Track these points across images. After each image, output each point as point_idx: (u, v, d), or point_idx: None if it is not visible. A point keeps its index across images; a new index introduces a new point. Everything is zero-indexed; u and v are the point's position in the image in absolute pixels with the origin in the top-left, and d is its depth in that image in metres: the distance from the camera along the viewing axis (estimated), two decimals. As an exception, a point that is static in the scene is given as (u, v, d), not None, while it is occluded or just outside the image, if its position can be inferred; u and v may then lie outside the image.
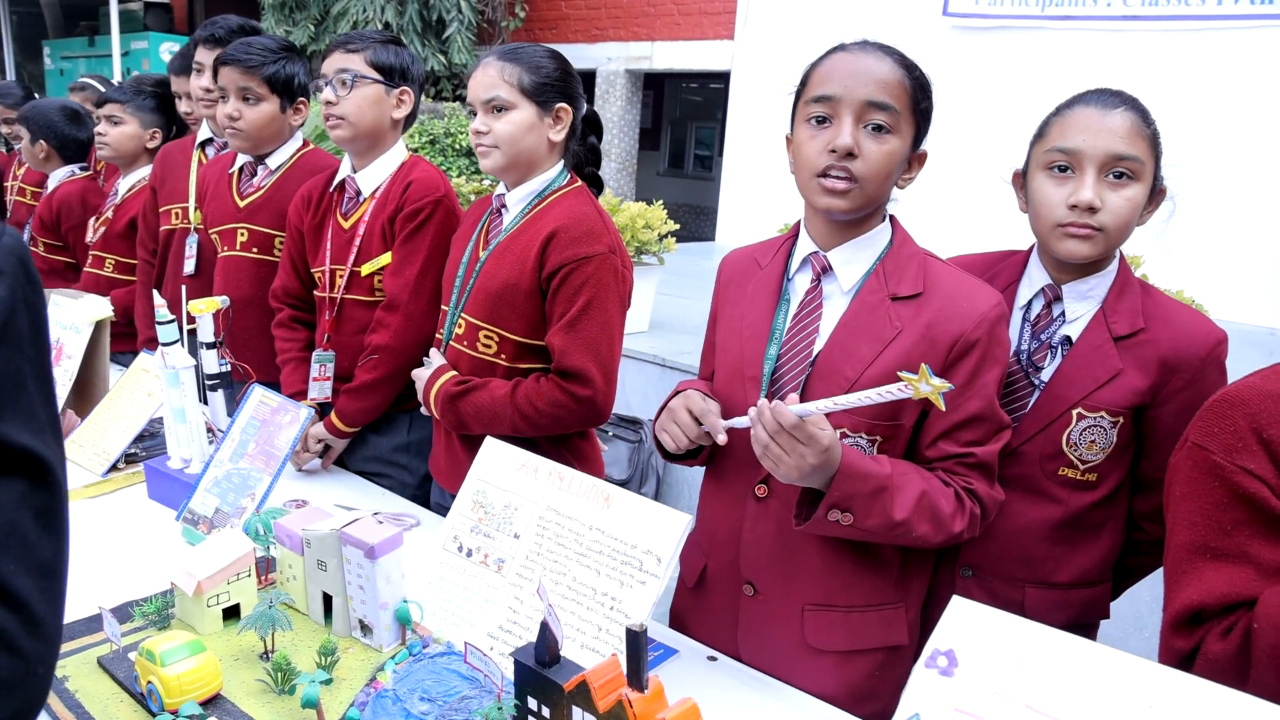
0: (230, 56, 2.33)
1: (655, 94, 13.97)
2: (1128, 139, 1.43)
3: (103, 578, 1.61)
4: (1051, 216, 1.48)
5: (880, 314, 1.39)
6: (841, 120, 1.35)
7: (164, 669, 1.21)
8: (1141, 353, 1.49)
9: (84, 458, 2.15)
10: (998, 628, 0.96)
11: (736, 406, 1.46)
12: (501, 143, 1.82)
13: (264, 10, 10.07)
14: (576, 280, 1.79)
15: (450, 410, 1.86)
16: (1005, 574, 1.56)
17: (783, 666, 1.45)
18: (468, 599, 1.44)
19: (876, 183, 1.36)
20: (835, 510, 1.32)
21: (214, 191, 2.52)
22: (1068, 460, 1.51)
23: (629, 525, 1.33)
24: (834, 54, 1.39)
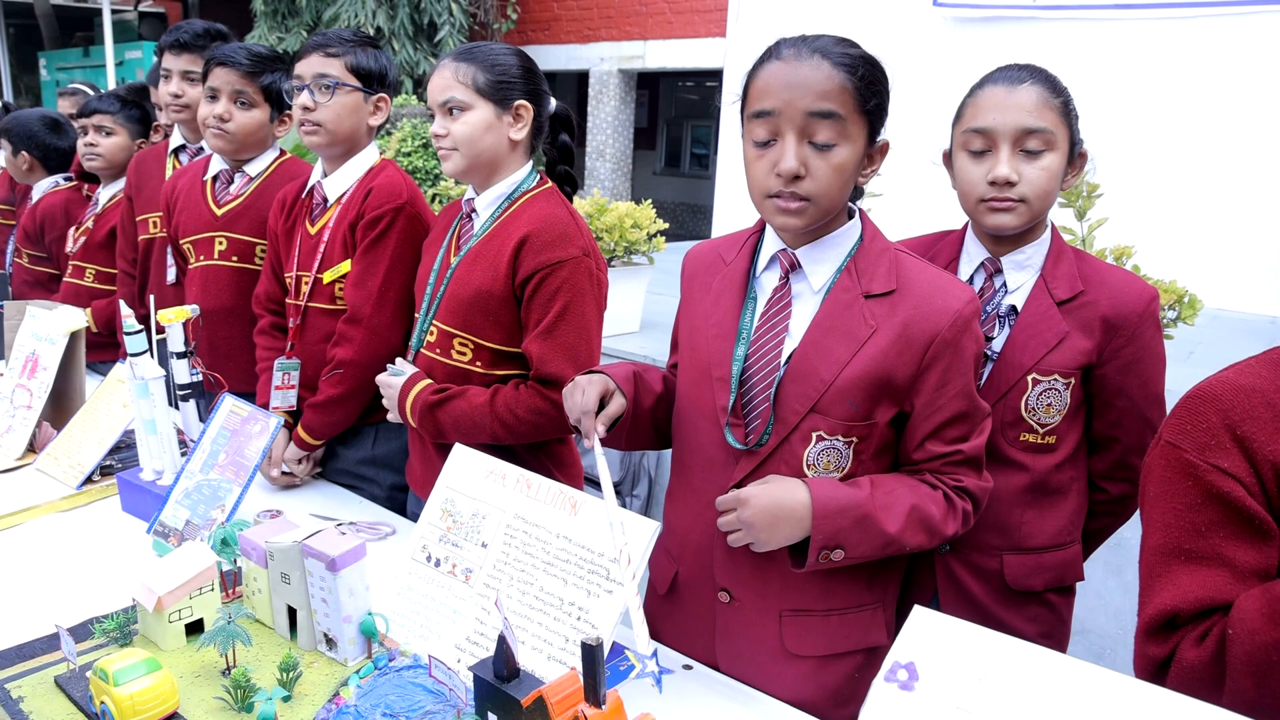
0: (228, 58, 2.31)
1: (651, 93, 13.95)
2: (1036, 112, 1.49)
3: (73, 593, 1.59)
4: (974, 193, 1.54)
5: (854, 313, 1.35)
6: (784, 139, 1.29)
7: (117, 689, 1.18)
8: (1083, 314, 1.54)
9: (59, 470, 2.12)
10: (960, 639, 0.93)
11: (704, 407, 1.43)
12: (460, 144, 1.78)
13: (256, 17, 10.05)
14: (551, 286, 1.75)
15: (429, 419, 1.82)
16: (982, 544, 1.60)
17: (761, 673, 1.42)
18: (436, 610, 1.41)
19: (830, 196, 1.32)
20: (825, 551, 1.30)
21: (186, 201, 2.48)
22: (1028, 425, 1.56)
23: (596, 533, 1.30)
24: (769, 62, 1.32)
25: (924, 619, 0.95)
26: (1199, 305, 3.31)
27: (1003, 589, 1.60)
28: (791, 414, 1.35)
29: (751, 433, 1.38)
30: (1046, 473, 1.58)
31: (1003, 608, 1.60)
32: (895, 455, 1.42)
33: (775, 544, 1.30)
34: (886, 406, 1.36)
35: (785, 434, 1.36)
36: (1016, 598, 1.61)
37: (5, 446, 2.25)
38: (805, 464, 1.36)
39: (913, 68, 6.81)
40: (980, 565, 1.60)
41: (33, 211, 3.37)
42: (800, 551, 1.32)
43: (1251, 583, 1.03)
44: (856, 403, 1.34)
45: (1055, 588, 1.64)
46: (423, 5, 9.23)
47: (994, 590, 1.60)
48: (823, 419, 1.34)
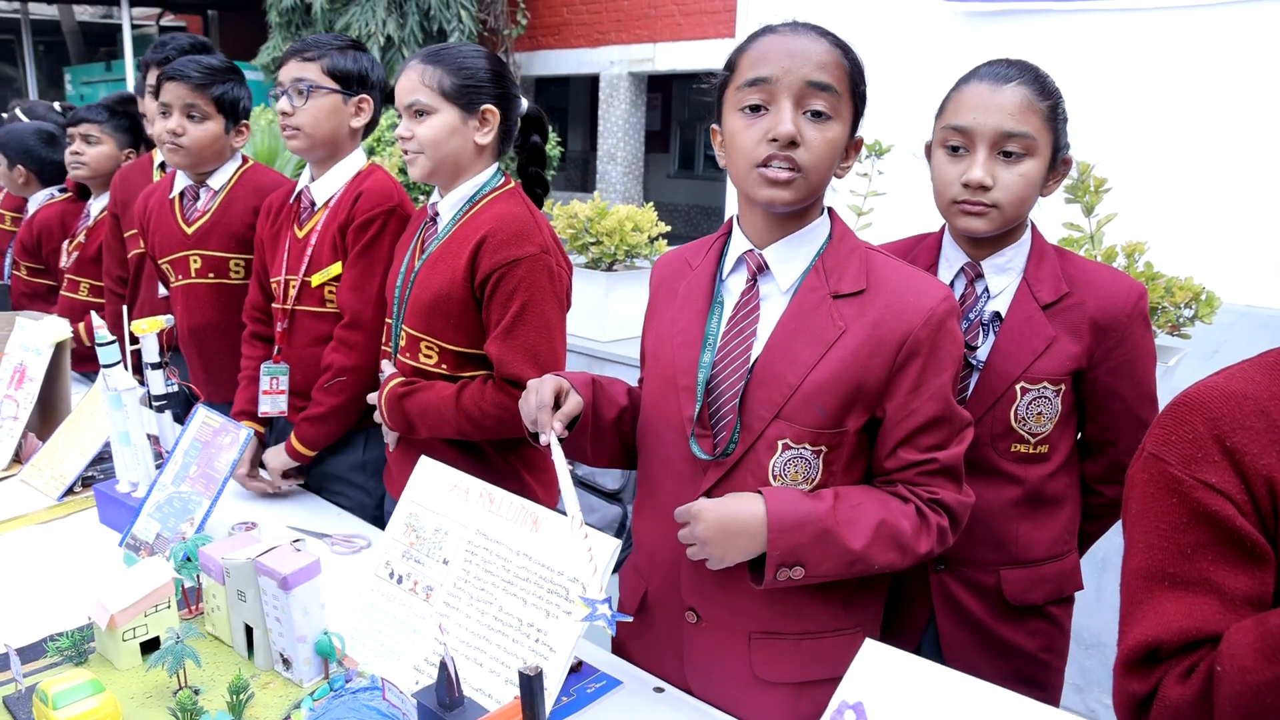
0: (177, 72, 2.28)
1: (664, 96, 13.91)
2: (1018, 115, 1.42)
3: (39, 607, 1.56)
4: (947, 193, 1.48)
5: (822, 313, 1.28)
6: (780, 106, 1.24)
7: (56, 711, 1.14)
8: (1070, 317, 1.48)
9: (41, 481, 2.10)
10: (910, 676, 0.85)
11: (670, 418, 1.36)
12: (425, 148, 1.76)
13: (271, 29, 10.11)
14: (509, 285, 1.72)
15: (397, 410, 1.81)
16: (978, 560, 1.53)
17: (733, 699, 1.35)
18: (396, 629, 1.36)
19: (820, 172, 1.26)
20: (784, 568, 1.23)
21: (157, 221, 2.45)
22: (1018, 436, 1.50)
23: (556, 551, 1.24)
24: (763, 35, 1.28)
25: (874, 654, 0.88)
26: (1217, 303, 3.19)
27: (1001, 605, 1.53)
28: (757, 421, 1.29)
29: (718, 442, 1.31)
30: (1040, 483, 1.52)
31: (1003, 624, 1.54)
32: (869, 466, 1.35)
33: (731, 560, 1.24)
34: (858, 413, 1.28)
35: (750, 442, 1.29)
36: (1016, 613, 1.54)
37: (-9, 457, 2.24)
38: (771, 474, 1.29)
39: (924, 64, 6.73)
40: (977, 582, 1.53)
41: (29, 224, 3.37)
42: (760, 568, 1.25)
43: (1243, 612, 0.94)
44: (825, 409, 1.26)
45: (1055, 599, 1.57)
46: (432, 13, 9.24)
47: (993, 607, 1.53)
48: (789, 426, 1.27)
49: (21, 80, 17.46)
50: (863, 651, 0.89)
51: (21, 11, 14.74)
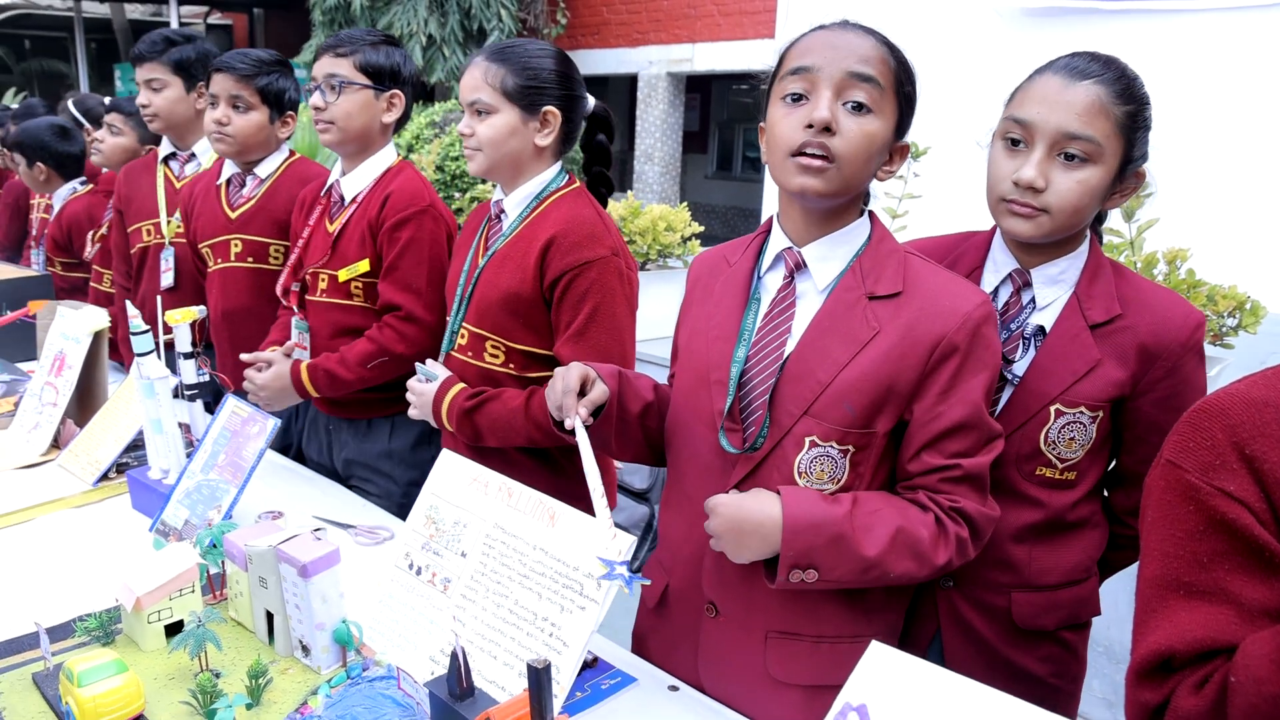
0: (224, 64, 2.35)
1: (703, 96, 13.89)
2: (1085, 117, 1.31)
3: (70, 589, 1.59)
4: (997, 189, 1.39)
5: (856, 313, 1.28)
6: (819, 94, 1.24)
7: (80, 689, 1.16)
8: (1119, 340, 1.39)
9: (77, 466, 2.15)
10: (915, 679, 0.84)
11: (702, 411, 1.37)
12: (484, 145, 1.77)
13: (315, 27, 10.25)
14: (580, 287, 1.71)
15: (466, 425, 1.79)
16: (988, 581, 1.46)
17: (745, 698, 1.35)
18: (414, 620, 1.37)
19: (855, 165, 1.25)
20: (797, 570, 1.22)
21: (202, 205, 2.51)
22: (1045, 459, 1.42)
23: (572, 546, 1.25)
24: (812, 32, 1.29)
25: (880, 656, 0.87)
26: (1262, 312, 3.12)
27: (1010, 627, 1.46)
28: (786, 416, 1.29)
29: (747, 436, 1.31)
30: (1062, 510, 1.44)
31: (1011, 647, 1.47)
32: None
33: (746, 557, 1.25)
34: (888, 415, 1.27)
35: (778, 438, 1.29)
36: (1026, 636, 1.47)
37: (32, 442, 2.29)
38: (797, 472, 1.29)
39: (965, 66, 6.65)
40: (986, 602, 1.46)
41: (58, 220, 3.44)
42: (775, 567, 1.25)
43: (1260, 622, 0.91)
44: (854, 408, 1.26)
45: (1069, 625, 1.49)
46: (473, 11, 9.31)
47: (1002, 629, 1.46)
48: (817, 423, 1.27)
49: (74, 77, 17.86)
50: (868, 654, 0.88)
51: (75, 10, 15.09)
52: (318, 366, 2.09)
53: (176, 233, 2.75)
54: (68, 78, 19.12)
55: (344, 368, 2.08)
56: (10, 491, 2.03)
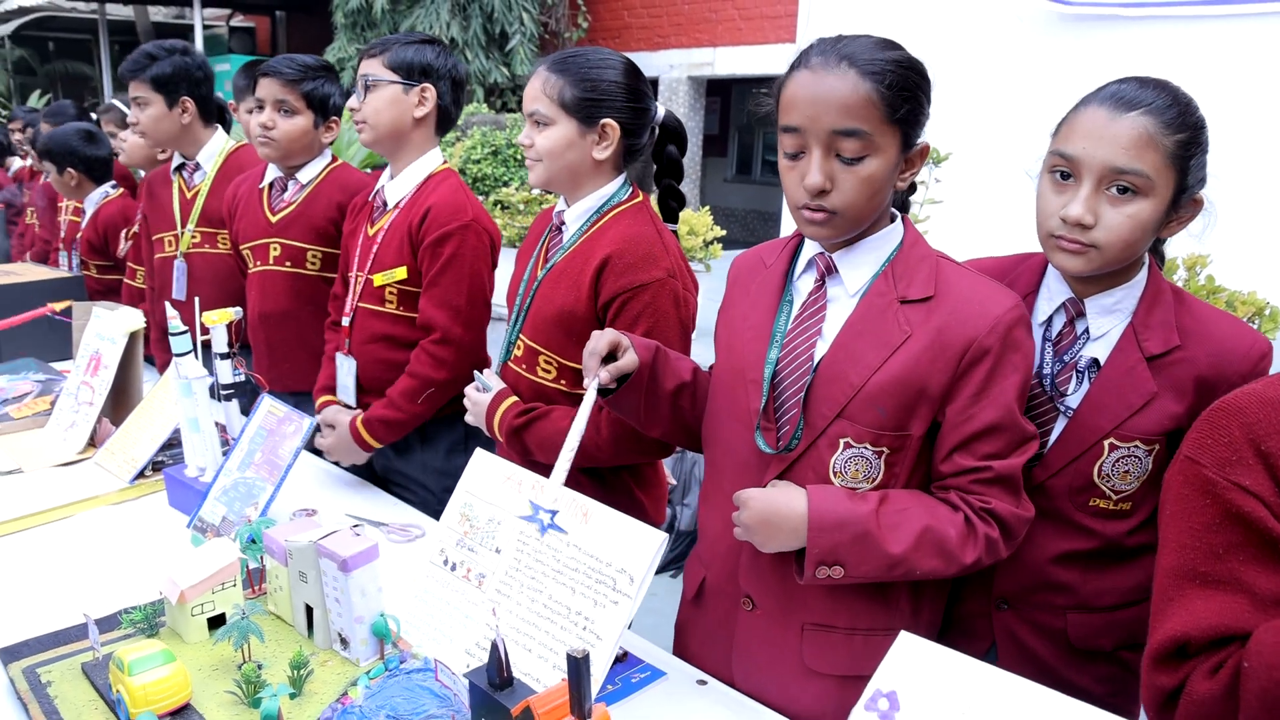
0: (271, 69, 2.40)
1: (722, 100, 13.91)
2: (1133, 150, 1.27)
3: (113, 583, 1.64)
4: (1045, 224, 1.36)
5: (888, 317, 1.30)
6: (810, 154, 1.26)
7: (131, 678, 1.20)
8: (1177, 373, 1.35)
9: (114, 465, 2.20)
10: (944, 668, 0.88)
11: (738, 409, 1.40)
12: (544, 157, 1.74)
13: (336, 30, 10.35)
14: (633, 310, 1.69)
15: (515, 441, 1.79)
16: (1043, 603, 1.44)
17: (779, 687, 1.39)
18: (449, 614, 1.41)
19: (857, 208, 1.28)
20: (823, 566, 1.25)
21: (245, 208, 2.56)
22: (1099, 491, 1.39)
23: (605, 542, 1.28)
24: (798, 71, 1.28)
25: (909, 645, 0.90)
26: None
27: (1066, 648, 1.44)
28: (820, 418, 1.32)
29: (781, 436, 1.35)
30: (1117, 538, 1.41)
31: (1068, 666, 1.45)
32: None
33: (772, 548, 1.29)
34: (922, 417, 1.30)
35: (813, 439, 1.32)
36: (1084, 657, 1.45)
37: (69, 440, 2.34)
38: (832, 471, 1.32)
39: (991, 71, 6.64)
40: (1042, 624, 1.44)
41: (94, 223, 3.50)
42: (803, 561, 1.28)
43: (1273, 612, 0.95)
44: (886, 410, 1.28)
45: (1127, 645, 1.45)
46: (495, 15, 9.38)
47: (1058, 649, 1.44)
48: (850, 425, 1.30)
49: (98, 79, 18.07)
50: (898, 643, 0.91)
51: (99, 12, 15.27)
52: (372, 419, 2.10)
53: (193, 243, 2.80)
54: (91, 80, 19.33)
55: (395, 410, 2.09)
56: (49, 489, 2.08)
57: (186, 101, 2.74)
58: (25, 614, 1.54)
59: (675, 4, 9.68)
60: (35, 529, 1.88)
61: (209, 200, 2.79)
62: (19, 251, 4.85)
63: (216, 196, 2.77)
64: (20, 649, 1.41)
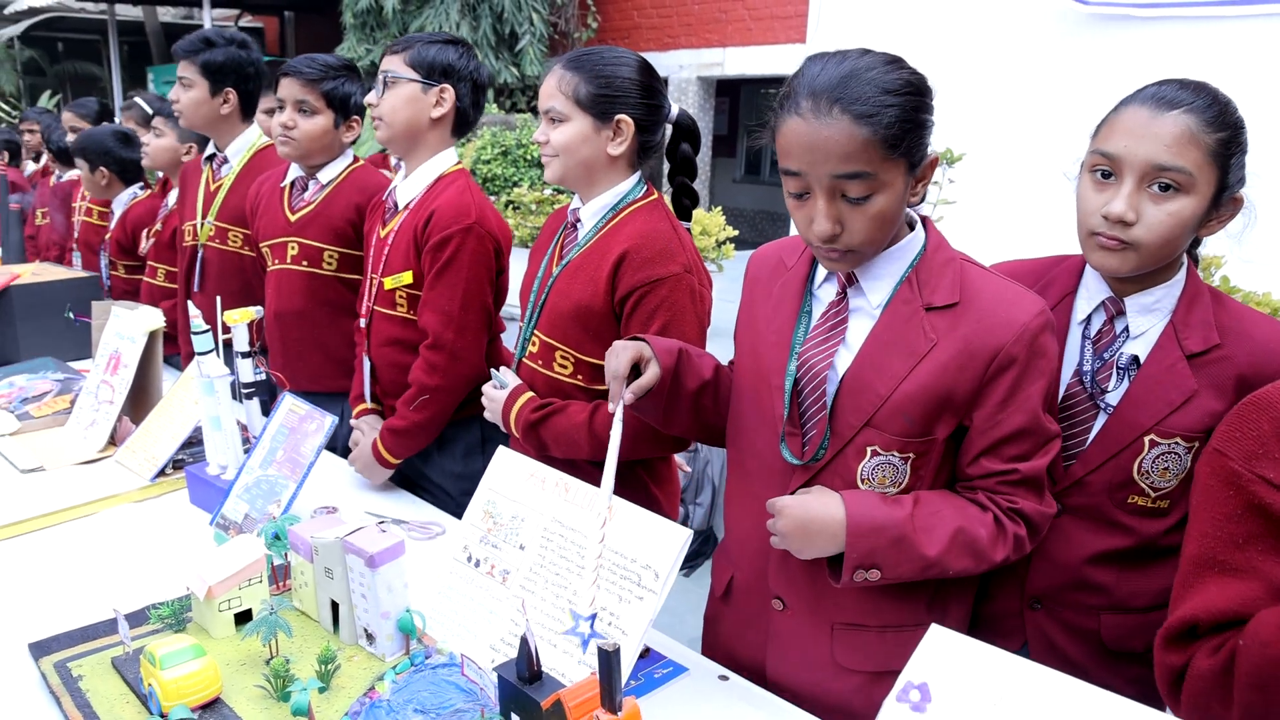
0: (291, 68, 2.41)
1: (731, 100, 13.91)
2: (1175, 148, 1.28)
3: (138, 579, 1.66)
4: (1086, 223, 1.38)
5: (913, 326, 1.30)
6: (815, 198, 1.25)
7: (162, 672, 1.22)
8: (1216, 371, 1.36)
9: (135, 463, 2.22)
10: (975, 660, 0.89)
11: (764, 413, 1.41)
12: (559, 152, 1.76)
13: (345, 30, 10.37)
14: (650, 304, 1.70)
15: (531, 436, 1.81)
16: (1076, 603, 1.46)
17: (811, 683, 1.40)
18: (473, 610, 1.42)
19: (871, 239, 1.28)
20: (860, 570, 1.27)
21: (266, 206, 2.57)
22: (1138, 488, 1.40)
23: (629, 539, 1.29)
24: (790, 116, 1.24)
25: (940, 638, 0.92)
26: (1299, 321, 3.12)
27: (1099, 649, 1.45)
28: (846, 428, 1.32)
29: (808, 446, 1.36)
30: (1154, 536, 1.42)
31: (1101, 668, 1.46)
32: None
33: (809, 555, 1.29)
34: (947, 422, 1.31)
35: (839, 448, 1.33)
36: (1117, 658, 1.46)
37: (89, 439, 2.36)
38: (859, 478, 1.33)
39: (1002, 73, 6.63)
40: (1075, 624, 1.45)
41: (122, 223, 3.54)
42: (838, 565, 1.29)
43: None
44: (913, 418, 1.29)
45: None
46: (505, 15, 9.41)
47: (1090, 650, 1.46)
48: (877, 434, 1.31)
49: (107, 80, 18.14)
50: (928, 636, 0.93)
51: (108, 13, 15.31)
52: (383, 430, 2.12)
53: (210, 236, 2.82)
54: (100, 80, 19.40)
55: (399, 418, 2.10)
56: (70, 487, 2.10)
57: (229, 93, 2.77)
58: (52, 609, 1.56)
59: (685, 4, 9.69)
60: (59, 526, 1.90)
61: (229, 195, 2.81)
62: (32, 253, 4.89)
63: (237, 193, 2.79)
64: (50, 644, 1.43)
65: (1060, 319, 1.46)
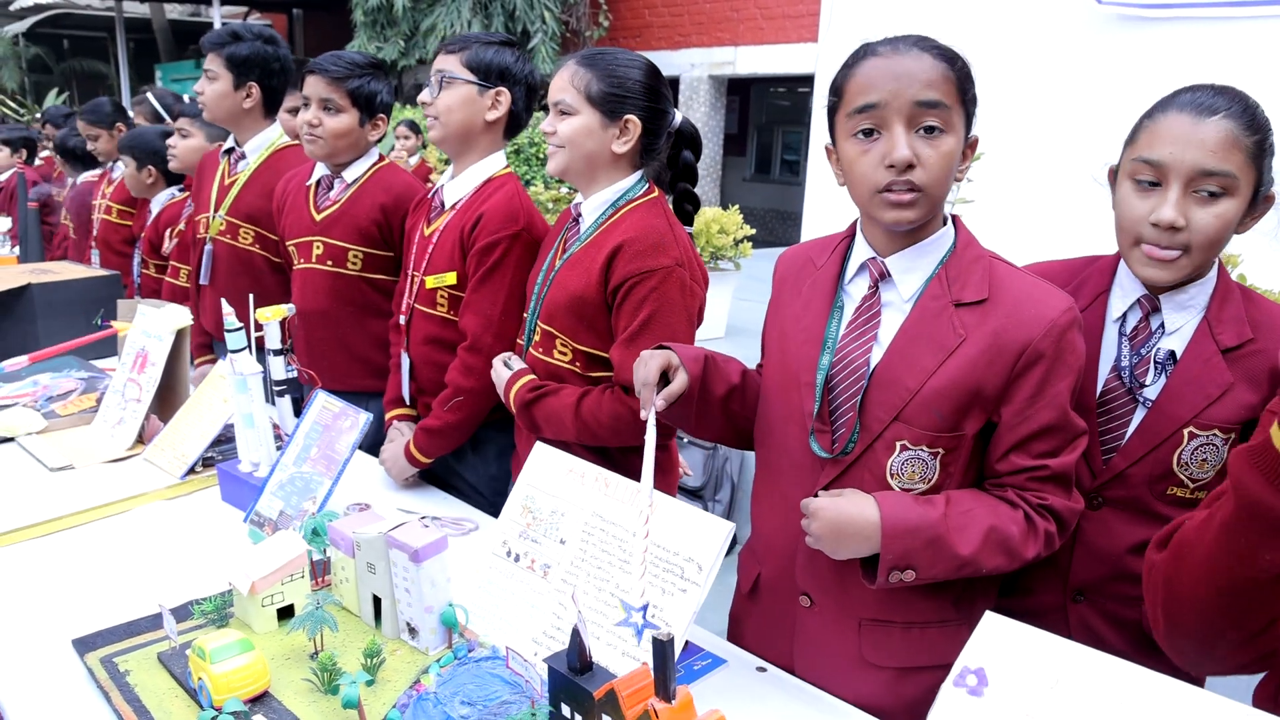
0: (317, 66, 2.42)
1: (741, 99, 13.92)
2: (1220, 152, 1.32)
3: (175, 576, 1.68)
4: (1133, 230, 1.40)
5: (943, 321, 1.33)
6: (892, 130, 1.28)
7: (213, 666, 1.24)
8: (1251, 364, 1.40)
9: (164, 461, 2.23)
10: (1030, 646, 0.91)
11: (793, 411, 1.42)
12: (565, 144, 1.81)
13: (356, 28, 10.39)
14: (639, 295, 1.74)
15: (525, 415, 1.87)
16: (1118, 594, 1.48)
17: (839, 679, 1.41)
18: (514, 604, 1.44)
19: (940, 187, 1.31)
20: (895, 571, 1.28)
21: (291, 204, 2.58)
22: (1177, 480, 1.43)
23: (671, 532, 1.31)
24: (866, 59, 1.32)
25: (994, 625, 0.93)
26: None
27: (1141, 640, 1.47)
28: (876, 422, 1.34)
29: (837, 440, 1.37)
30: None
31: (1144, 659, 1.48)
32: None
33: (843, 556, 1.31)
34: (976, 417, 1.32)
35: (869, 442, 1.35)
36: (1154, 647, 1.45)
37: (117, 437, 2.38)
38: (889, 473, 1.34)
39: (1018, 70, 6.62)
40: (1117, 615, 1.49)
41: (156, 223, 3.57)
42: (872, 566, 1.30)
43: None
44: (943, 413, 1.31)
45: None
46: (517, 14, 9.42)
47: (1133, 641, 1.48)
48: (907, 428, 1.32)
49: (114, 77, 18.18)
50: (983, 623, 0.95)
51: (115, 9, 15.33)
52: (418, 428, 2.15)
53: (220, 230, 2.84)
54: (107, 78, 19.43)
55: (434, 418, 2.12)
56: (100, 485, 2.11)
57: (252, 87, 2.78)
58: (91, 606, 1.57)
59: (697, 3, 9.70)
60: (92, 524, 1.92)
61: (243, 192, 2.81)
62: (50, 251, 4.91)
63: (251, 190, 2.79)
64: (94, 639, 1.44)
65: (1095, 317, 1.49)
